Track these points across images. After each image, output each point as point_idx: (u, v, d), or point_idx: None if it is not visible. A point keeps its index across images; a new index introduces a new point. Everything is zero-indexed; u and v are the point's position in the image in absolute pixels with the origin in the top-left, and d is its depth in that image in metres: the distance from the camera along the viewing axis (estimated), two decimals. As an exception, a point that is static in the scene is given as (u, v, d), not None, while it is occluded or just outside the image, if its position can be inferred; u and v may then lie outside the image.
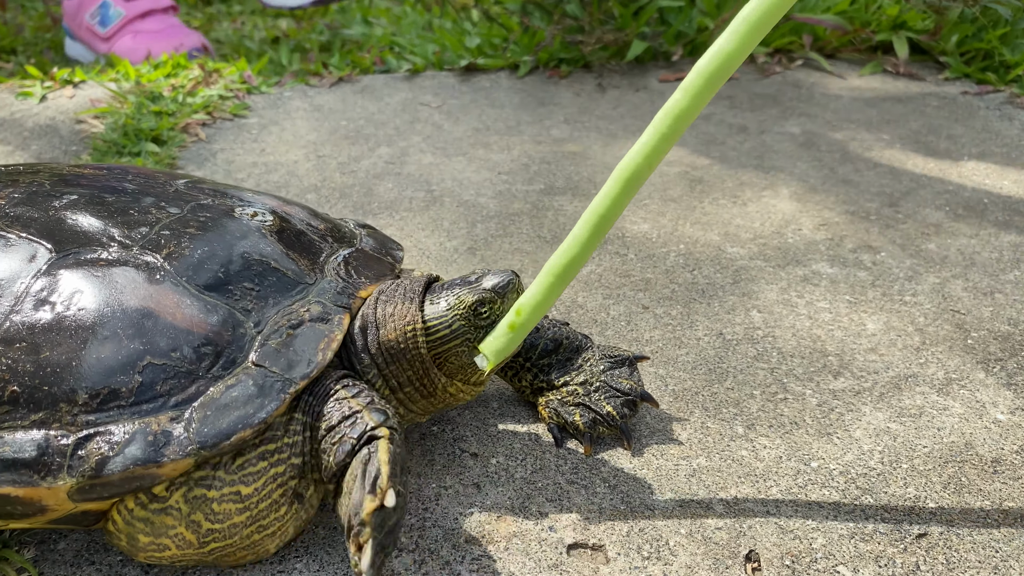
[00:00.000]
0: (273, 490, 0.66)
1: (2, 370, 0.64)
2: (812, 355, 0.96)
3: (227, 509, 0.65)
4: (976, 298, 1.07)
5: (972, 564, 0.70)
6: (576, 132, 1.58)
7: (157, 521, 0.64)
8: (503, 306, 0.73)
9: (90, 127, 1.55)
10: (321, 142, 1.52)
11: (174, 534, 0.64)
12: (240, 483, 0.65)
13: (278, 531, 0.67)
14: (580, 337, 0.86)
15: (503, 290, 0.73)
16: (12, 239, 0.70)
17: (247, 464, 0.65)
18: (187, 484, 0.64)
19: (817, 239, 1.20)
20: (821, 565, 0.70)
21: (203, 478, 0.64)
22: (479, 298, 0.72)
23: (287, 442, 0.66)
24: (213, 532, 0.65)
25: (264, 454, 0.65)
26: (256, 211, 0.78)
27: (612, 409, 0.81)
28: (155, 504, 0.64)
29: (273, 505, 0.66)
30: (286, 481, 0.67)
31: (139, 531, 0.64)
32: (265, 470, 0.65)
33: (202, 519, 0.64)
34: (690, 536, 0.72)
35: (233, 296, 0.70)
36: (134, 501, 0.64)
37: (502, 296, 0.73)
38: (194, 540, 0.65)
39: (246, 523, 0.65)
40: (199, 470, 0.64)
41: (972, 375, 0.93)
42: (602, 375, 0.83)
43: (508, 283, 0.73)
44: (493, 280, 0.73)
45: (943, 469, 0.80)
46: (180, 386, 0.65)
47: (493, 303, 0.73)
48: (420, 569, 0.69)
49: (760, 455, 0.82)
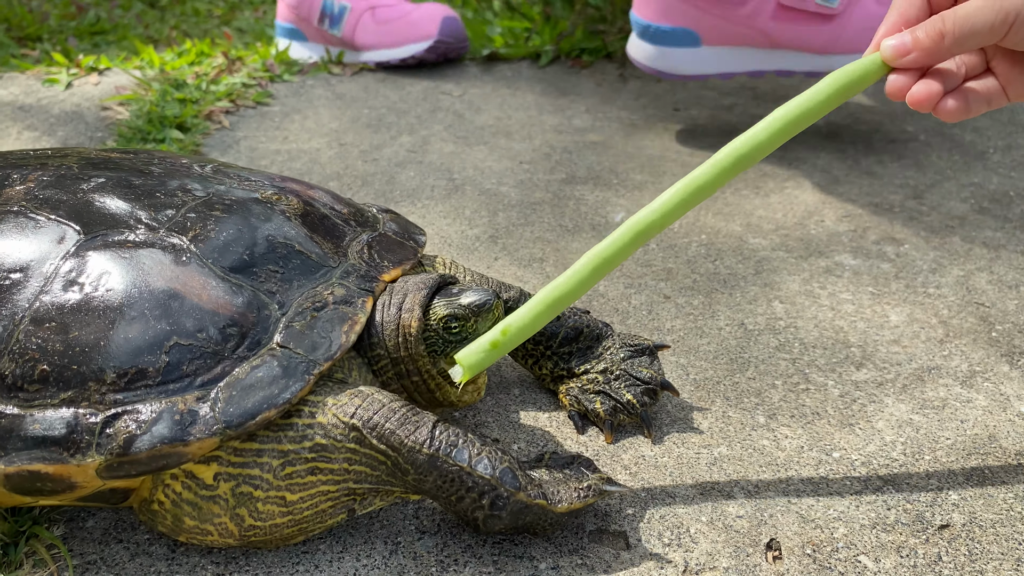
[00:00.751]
0: (321, 502, 0.67)
1: (32, 349, 0.65)
2: (834, 346, 0.96)
3: (271, 511, 0.66)
4: (1001, 291, 1.06)
5: (995, 556, 0.70)
6: (598, 122, 1.57)
7: (204, 507, 0.65)
8: (476, 325, 0.73)
9: (115, 114, 1.57)
10: (343, 130, 1.53)
11: (218, 523, 0.65)
12: (286, 490, 0.65)
13: (315, 531, 0.68)
14: (601, 325, 0.86)
15: (478, 309, 0.72)
16: (42, 221, 0.71)
17: (295, 475, 0.65)
18: (236, 479, 0.65)
19: (840, 230, 1.20)
20: (842, 555, 0.70)
21: (251, 477, 0.65)
22: (451, 313, 0.72)
23: (346, 468, 0.66)
24: (255, 528, 0.66)
25: (314, 470, 0.66)
26: (280, 195, 0.79)
27: (632, 397, 0.81)
28: (204, 491, 0.65)
29: (319, 515, 0.67)
30: (339, 498, 0.67)
31: (185, 514, 0.66)
32: (314, 484, 0.66)
33: (246, 515, 0.65)
34: (711, 524, 0.72)
35: (258, 278, 0.70)
36: (182, 485, 0.65)
37: (476, 315, 0.73)
38: (236, 532, 0.66)
39: (288, 525, 0.66)
40: (248, 468, 0.65)
41: (996, 368, 0.92)
42: (622, 363, 0.83)
43: (485, 303, 0.73)
44: (471, 298, 0.73)
45: (966, 461, 0.80)
46: (206, 366, 0.65)
47: (466, 320, 0.72)
48: (443, 551, 0.69)
49: (782, 444, 0.81)
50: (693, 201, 0.70)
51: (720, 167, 0.70)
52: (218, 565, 0.68)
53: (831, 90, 0.70)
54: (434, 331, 0.73)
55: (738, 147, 0.70)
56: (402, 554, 0.69)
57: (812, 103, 0.70)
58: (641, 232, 0.70)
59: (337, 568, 0.68)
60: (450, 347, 0.73)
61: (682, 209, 0.70)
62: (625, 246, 0.71)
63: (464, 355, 0.70)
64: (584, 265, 0.71)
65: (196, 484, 0.65)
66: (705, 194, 0.70)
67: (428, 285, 0.74)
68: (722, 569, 0.68)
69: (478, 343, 0.71)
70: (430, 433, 0.66)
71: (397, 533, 0.71)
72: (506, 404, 0.87)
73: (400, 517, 0.73)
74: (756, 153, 0.70)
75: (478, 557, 0.69)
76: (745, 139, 0.70)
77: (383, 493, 0.69)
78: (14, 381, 0.64)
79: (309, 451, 0.65)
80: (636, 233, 0.70)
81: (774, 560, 0.69)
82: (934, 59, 0.69)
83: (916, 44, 0.68)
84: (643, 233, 0.70)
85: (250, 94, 1.67)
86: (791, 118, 0.70)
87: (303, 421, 0.66)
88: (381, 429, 0.65)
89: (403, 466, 0.66)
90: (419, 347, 0.72)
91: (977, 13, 0.66)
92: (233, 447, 0.65)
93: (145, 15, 2.55)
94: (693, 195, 0.70)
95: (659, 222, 0.70)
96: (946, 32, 0.67)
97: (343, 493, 0.67)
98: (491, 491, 0.65)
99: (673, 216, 0.70)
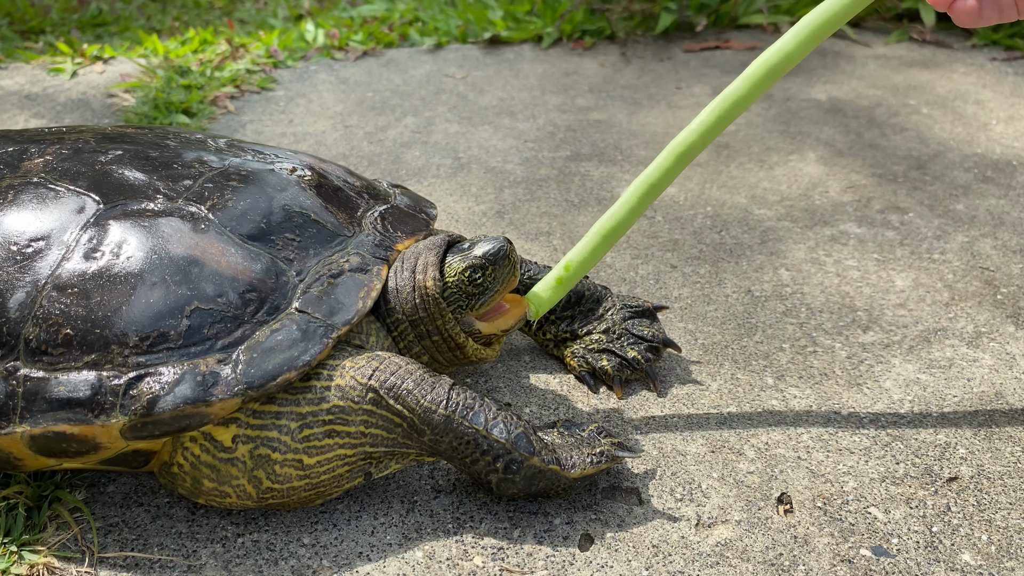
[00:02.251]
0: (339, 466, 0.68)
1: (55, 314, 0.66)
2: (841, 310, 0.97)
3: (288, 473, 0.67)
4: (1005, 255, 1.07)
5: (1003, 506, 0.71)
6: (601, 101, 1.58)
7: (223, 469, 0.66)
8: (495, 272, 0.74)
9: (121, 101, 1.58)
10: (348, 113, 1.54)
11: (236, 484, 0.67)
12: (303, 453, 0.67)
13: (332, 493, 0.70)
14: (600, 288, 0.88)
15: (495, 256, 0.73)
16: (62, 191, 0.73)
17: (312, 438, 0.67)
18: (254, 442, 0.66)
19: (844, 201, 1.21)
20: (852, 507, 0.71)
21: (269, 440, 0.66)
22: (470, 264, 0.73)
23: (362, 431, 0.68)
24: (272, 490, 0.67)
25: (331, 433, 0.67)
26: (295, 167, 0.80)
27: (637, 354, 0.83)
28: (223, 453, 0.66)
29: (336, 479, 0.69)
30: (355, 462, 0.69)
31: (204, 476, 0.67)
32: (331, 447, 0.67)
33: (263, 477, 0.66)
34: (722, 480, 0.74)
35: (275, 246, 0.71)
36: (200, 447, 0.66)
37: (494, 262, 0.73)
38: (253, 494, 0.67)
39: (304, 488, 0.68)
40: (266, 431, 0.66)
41: (1002, 328, 0.93)
42: (623, 323, 0.85)
43: (500, 249, 0.73)
44: (485, 247, 0.74)
45: (973, 417, 0.81)
46: (227, 330, 0.67)
47: (484, 268, 0.73)
48: (458, 509, 0.71)
49: (790, 404, 0.83)
50: (729, 117, 0.71)
51: (753, 80, 0.70)
52: (237, 526, 0.69)
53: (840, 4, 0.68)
54: (455, 286, 0.74)
55: (768, 58, 0.70)
56: (419, 512, 0.70)
57: (838, 7, 0.68)
58: (684, 153, 0.72)
59: (355, 527, 0.69)
60: (472, 300, 0.74)
61: (720, 126, 0.71)
62: (670, 169, 0.72)
63: (535, 293, 0.75)
64: (632, 193, 0.73)
65: (215, 446, 0.66)
66: (741, 109, 0.71)
67: (438, 245, 0.76)
68: (734, 522, 0.69)
69: (545, 281, 0.76)
70: (447, 395, 0.67)
71: (413, 492, 0.72)
72: (517, 370, 0.88)
73: (416, 477, 0.74)
74: (786, 63, 0.70)
75: (493, 514, 0.70)
76: (775, 50, 0.70)
77: (399, 456, 0.70)
78: (38, 345, 0.66)
79: (327, 413, 0.67)
80: (679, 155, 0.72)
81: (785, 513, 0.71)
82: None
83: None
84: (685, 154, 0.72)
85: (254, 80, 1.68)
86: (818, 24, 0.68)
87: (321, 383, 0.67)
88: (398, 390, 0.67)
89: (419, 427, 0.67)
90: (439, 305, 0.73)
91: None
92: (252, 409, 0.66)
93: (146, 7, 2.56)
94: (729, 111, 0.71)
95: (700, 141, 0.72)
96: None
97: (360, 457, 0.68)
98: (505, 455, 0.67)
99: (713, 133, 0.71)
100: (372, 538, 0.68)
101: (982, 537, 0.68)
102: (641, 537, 0.68)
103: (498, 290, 0.75)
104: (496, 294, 0.75)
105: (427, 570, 0.65)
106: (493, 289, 0.74)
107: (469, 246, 0.75)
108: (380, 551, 0.67)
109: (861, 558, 0.66)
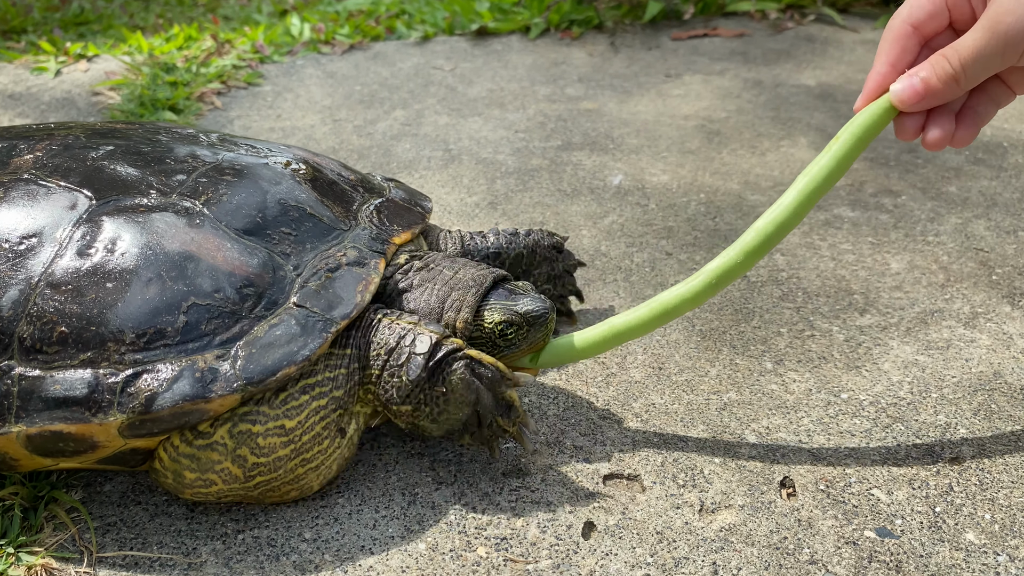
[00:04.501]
0: (316, 423, 0.67)
1: (49, 312, 0.65)
2: (837, 294, 0.97)
3: (272, 443, 0.66)
4: (999, 236, 1.07)
5: (1005, 484, 0.71)
6: (591, 90, 1.58)
7: (203, 457, 0.65)
8: (529, 333, 0.73)
9: (107, 98, 1.56)
10: (336, 107, 1.53)
11: (220, 469, 0.66)
12: (284, 417, 0.66)
13: (322, 465, 0.69)
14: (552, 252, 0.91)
15: (535, 320, 0.72)
16: (53, 188, 0.71)
17: (289, 399, 0.66)
18: (231, 420, 0.65)
19: (837, 185, 1.21)
20: (855, 488, 0.71)
21: (247, 413, 0.65)
22: (507, 319, 0.72)
23: (328, 376, 0.68)
24: (259, 466, 0.66)
25: (305, 387, 0.67)
26: (289, 161, 0.79)
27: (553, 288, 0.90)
28: (200, 440, 0.65)
29: (316, 438, 0.68)
30: (328, 414, 0.68)
31: (185, 467, 0.66)
32: (307, 403, 0.67)
33: (248, 453, 0.66)
34: (724, 465, 0.74)
35: (272, 240, 0.71)
36: (180, 438, 0.65)
37: (532, 325, 0.72)
38: (240, 474, 0.66)
39: (290, 456, 0.67)
40: (243, 406, 0.65)
41: (998, 309, 0.94)
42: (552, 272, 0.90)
43: (542, 314, 0.72)
44: (528, 306, 0.73)
45: (973, 397, 0.81)
46: (224, 325, 0.66)
47: (520, 328, 0.72)
48: (460, 500, 0.70)
49: (790, 388, 0.83)
50: (722, 285, 0.71)
51: (746, 250, 0.70)
52: (237, 523, 0.69)
53: (849, 146, 0.69)
54: (487, 334, 0.72)
55: (762, 228, 0.70)
56: (420, 504, 0.70)
57: (835, 164, 0.69)
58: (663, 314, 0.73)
59: (356, 520, 0.69)
60: (496, 350, 0.73)
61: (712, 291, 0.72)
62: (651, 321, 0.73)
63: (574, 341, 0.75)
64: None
65: (192, 435, 0.65)
66: (731, 279, 0.71)
67: (479, 284, 0.73)
68: (738, 507, 0.69)
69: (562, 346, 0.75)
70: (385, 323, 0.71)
71: (415, 485, 0.72)
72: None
73: (417, 469, 0.74)
74: (781, 231, 0.70)
75: (495, 504, 0.70)
76: (769, 218, 0.70)
77: (365, 408, 0.71)
78: (33, 343, 0.65)
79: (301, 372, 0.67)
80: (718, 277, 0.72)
81: (788, 496, 0.71)
82: (947, 100, 0.67)
83: (928, 90, 0.66)
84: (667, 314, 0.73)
85: (241, 75, 1.67)
86: (816, 185, 0.69)
87: None
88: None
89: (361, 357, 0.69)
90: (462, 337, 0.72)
91: (984, 48, 0.63)
92: None
93: (129, 5, 2.53)
94: (716, 285, 0.71)
95: (687, 306, 0.72)
96: (958, 75, 0.65)
97: (331, 408, 0.68)
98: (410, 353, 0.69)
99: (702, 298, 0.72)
100: (374, 531, 0.67)
101: (985, 516, 0.68)
102: (644, 524, 0.68)
103: (523, 349, 0.74)
104: (520, 352, 0.74)
105: (430, 562, 0.65)
106: (519, 347, 0.73)
107: (514, 297, 0.73)
108: (382, 544, 0.66)
109: (865, 540, 0.66)
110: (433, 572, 0.64)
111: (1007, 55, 0.63)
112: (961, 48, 0.64)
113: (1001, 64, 0.64)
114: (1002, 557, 0.64)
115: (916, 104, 0.67)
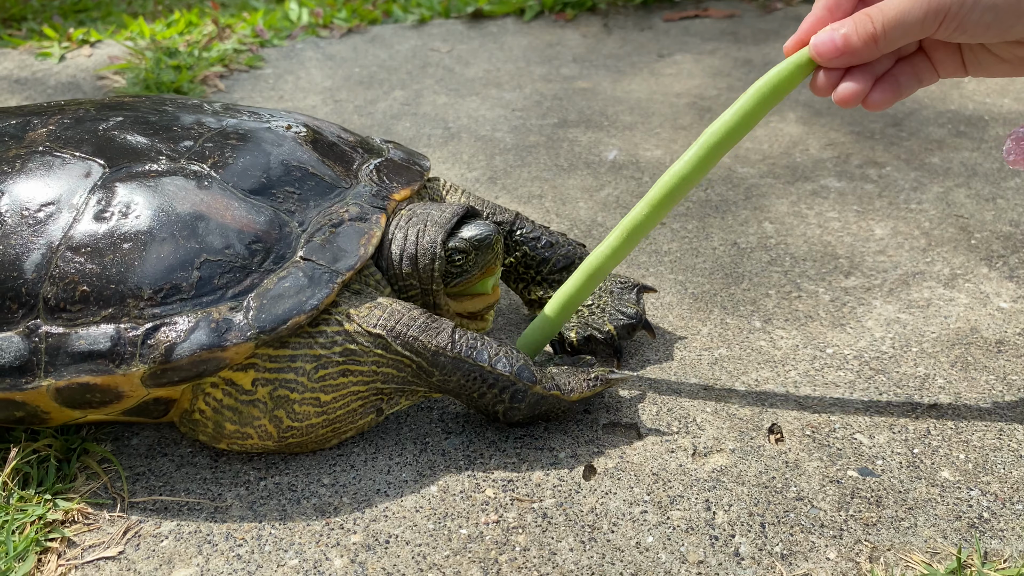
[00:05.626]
0: (352, 401, 0.72)
1: (71, 273, 0.69)
2: (823, 258, 1.01)
3: (306, 411, 0.70)
4: (979, 203, 1.11)
5: (979, 428, 0.75)
6: (585, 70, 1.61)
7: (245, 411, 0.70)
8: (479, 258, 0.77)
9: (111, 82, 1.59)
10: (337, 88, 1.56)
11: (258, 425, 0.70)
12: (320, 391, 0.70)
13: (349, 431, 0.73)
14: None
15: (478, 243, 0.76)
16: (68, 158, 0.75)
17: (328, 377, 0.70)
18: (273, 384, 0.69)
19: (824, 157, 1.25)
20: (840, 434, 0.75)
21: (287, 381, 0.69)
22: (454, 246, 0.76)
23: (374, 370, 0.71)
24: (292, 429, 0.71)
25: (345, 372, 0.71)
26: (290, 124, 0.83)
27: (613, 328, 0.83)
28: (244, 396, 0.69)
29: (350, 414, 0.72)
30: (368, 397, 0.72)
31: (227, 419, 0.70)
32: (345, 385, 0.71)
33: (284, 416, 0.70)
34: (716, 414, 0.78)
35: (277, 199, 0.74)
36: (222, 392, 0.70)
37: (478, 249, 0.76)
38: (275, 433, 0.70)
39: (322, 424, 0.71)
40: (283, 373, 0.69)
41: (976, 270, 0.98)
42: (609, 297, 0.87)
43: (486, 237, 0.76)
44: (472, 232, 0.76)
45: (951, 351, 0.85)
46: (236, 279, 0.69)
47: (468, 253, 0.76)
48: (468, 447, 0.74)
49: (778, 344, 0.87)
50: (636, 238, 0.75)
51: (653, 203, 0.73)
52: (259, 471, 0.72)
53: (761, 95, 0.69)
54: (441, 260, 0.76)
55: (665, 182, 0.72)
56: (431, 452, 0.74)
57: (744, 113, 0.70)
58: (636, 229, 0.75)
59: (372, 466, 0.72)
60: (452, 278, 0.77)
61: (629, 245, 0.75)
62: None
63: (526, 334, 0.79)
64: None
65: (236, 390, 0.69)
66: (642, 233, 0.74)
67: (449, 221, 0.77)
68: (728, 450, 0.73)
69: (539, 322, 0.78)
70: (451, 337, 0.70)
71: (426, 434, 0.76)
72: (517, 324, 0.91)
73: (427, 420, 0.77)
74: (684, 185, 0.72)
75: (502, 451, 0.74)
76: (671, 173, 0.72)
77: (408, 393, 0.73)
78: (56, 303, 0.68)
79: (339, 355, 0.70)
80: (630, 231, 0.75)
81: (776, 441, 0.75)
82: (864, 59, 0.67)
83: (847, 46, 0.66)
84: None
85: (242, 59, 1.70)
86: (722, 136, 0.70)
87: (332, 329, 0.70)
88: (405, 337, 0.70)
89: (427, 368, 0.70)
90: (436, 278, 0.76)
91: (907, 12, 0.63)
92: (268, 354, 0.69)
93: (127, -7, 2.56)
94: (633, 233, 0.74)
95: (610, 263, 0.76)
96: (877, 34, 0.65)
97: (372, 393, 0.72)
98: (511, 386, 0.70)
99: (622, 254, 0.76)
100: (388, 476, 0.71)
101: (960, 456, 0.72)
102: (641, 467, 0.72)
103: (477, 274, 0.78)
104: (475, 277, 0.78)
105: (442, 502, 0.69)
106: (473, 272, 0.77)
107: (460, 225, 0.77)
108: (396, 488, 0.70)
109: (848, 478, 0.70)
110: (445, 511, 0.68)
111: (926, 23, 0.64)
112: (885, 8, 0.64)
113: (921, 31, 0.64)
114: (975, 492, 0.68)
115: (833, 60, 0.67)
